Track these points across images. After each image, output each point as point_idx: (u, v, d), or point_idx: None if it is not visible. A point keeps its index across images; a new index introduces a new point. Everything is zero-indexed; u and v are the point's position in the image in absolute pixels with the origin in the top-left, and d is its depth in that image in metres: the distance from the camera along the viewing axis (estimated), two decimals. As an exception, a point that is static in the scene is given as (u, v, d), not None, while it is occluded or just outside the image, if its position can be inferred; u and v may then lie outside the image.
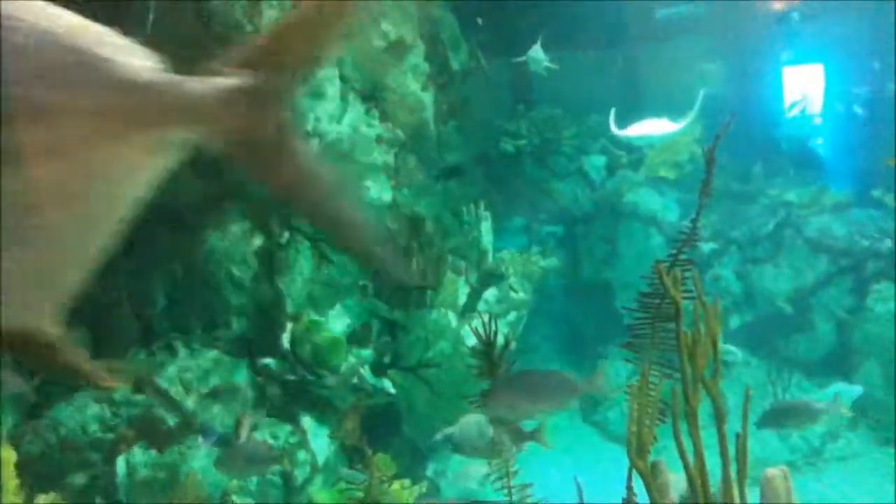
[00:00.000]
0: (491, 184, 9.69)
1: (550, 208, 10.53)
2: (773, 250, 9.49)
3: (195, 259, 5.95)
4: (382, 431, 6.22)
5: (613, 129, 8.26)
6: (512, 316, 7.84)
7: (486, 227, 8.12)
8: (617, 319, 9.70)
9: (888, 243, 8.95)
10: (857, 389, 7.57)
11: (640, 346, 2.35)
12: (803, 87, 12.22)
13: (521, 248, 9.53)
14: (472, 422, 3.75)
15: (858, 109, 10.94)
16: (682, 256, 2.37)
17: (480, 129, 9.84)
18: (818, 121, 12.21)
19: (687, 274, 2.30)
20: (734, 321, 9.08)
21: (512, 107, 10.74)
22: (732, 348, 8.15)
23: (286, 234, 6.15)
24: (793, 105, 12.06)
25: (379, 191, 6.59)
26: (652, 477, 1.80)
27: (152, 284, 5.92)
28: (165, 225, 6.06)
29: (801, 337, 9.05)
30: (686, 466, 1.88)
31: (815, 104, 12.23)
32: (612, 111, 8.34)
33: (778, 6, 11.13)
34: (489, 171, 10.00)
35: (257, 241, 6.08)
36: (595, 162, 10.53)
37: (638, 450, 1.75)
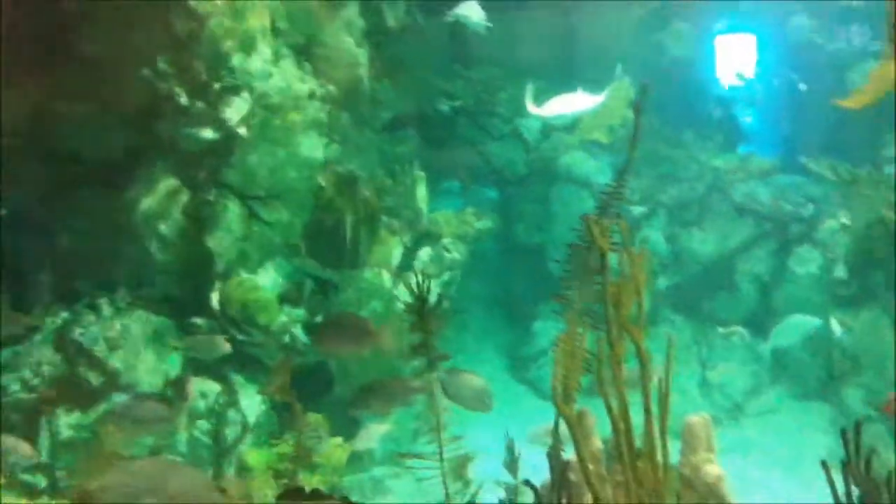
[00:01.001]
0: (426, 144, 9.62)
1: (485, 170, 10.53)
2: (701, 214, 9.72)
3: (119, 215, 5.77)
4: (314, 390, 6.18)
5: (530, 107, 8.11)
6: (446, 276, 7.86)
7: (420, 187, 8.08)
8: (549, 281, 9.82)
9: (810, 208, 9.26)
10: (814, 322, 7.76)
11: (568, 299, 2.37)
12: (736, 55, 12.44)
13: (457, 209, 9.52)
14: (464, 374, 3.80)
15: (792, 78, 11.19)
16: (611, 208, 2.39)
17: (416, 88, 9.75)
18: (749, 89, 12.47)
19: (614, 227, 2.32)
20: (662, 282, 9.30)
21: (449, 66, 10.64)
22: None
23: (214, 191, 6.00)
24: (724, 74, 12.28)
25: (311, 148, 6.47)
26: (577, 422, 1.82)
27: (74, 241, 5.72)
28: (88, 179, 5.86)
29: (724, 297, 9.33)
30: (610, 412, 1.91)
31: (747, 73, 12.47)
32: (529, 88, 8.20)
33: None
34: (424, 132, 9.93)
35: (184, 197, 5.92)
36: (530, 124, 10.54)
37: (564, 396, 1.77)
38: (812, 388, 8.63)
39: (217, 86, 5.96)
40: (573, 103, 8.01)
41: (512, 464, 4.24)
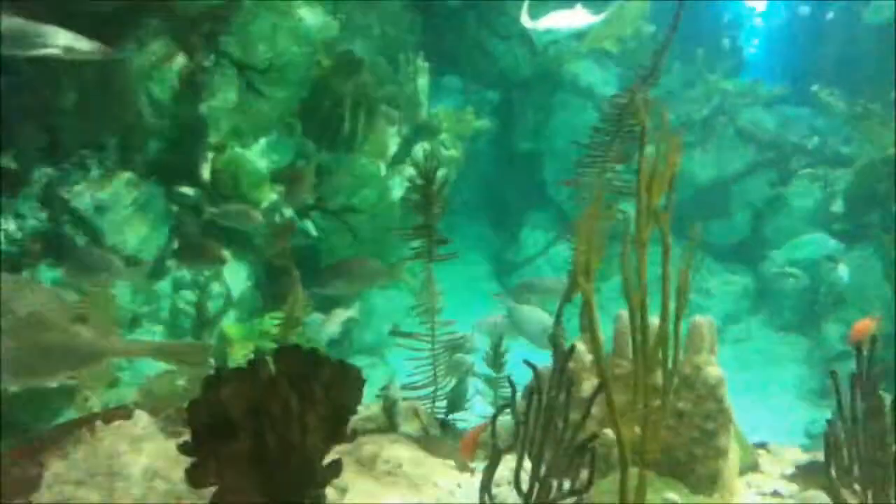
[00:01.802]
0: (431, 35, 9.28)
1: (489, 70, 10.23)
2: (704, 136, 9.55)
3: (110, 73, 5.51)
4: (301, 273, 6.10)
5: (525, 20, 7.78)
6: (441, 173, 7.69)
7: (422, 79, 7.82)
8: (541, 190, 9.73)
9: (815, 140, 9.13)
10: (833, 244, 7.68)
11: (588, 182, 2.26)
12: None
13: (456, 107, 9.28)
14: (532, 310, 3.77)
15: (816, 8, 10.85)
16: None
17: (426, -23, 9.34)
18: (766, 14, 12.15)
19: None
20: (656, 202, 9.19)
21: (461, -41, 10.18)
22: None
23: (211, 57, 5.75)
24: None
25: (314, 23, 6.19)
26: (592, 303, 1.74)
27: (62, 95, 5.48)
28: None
29: (717, 223, 9.28)
30: (627, 295, 1.83)
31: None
32: (526, 2, 7.86)
33: None
34: (430, 23, 9.57)
35: (179, 60, 5.66)
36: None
37: (584, 271, 1.67)
38: (791, 321, 8.69)
39: (220, -53, 5.64)
40: (570, 19, 7.74)
41: (495, 360, 4.21)
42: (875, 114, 7.60)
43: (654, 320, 1.99)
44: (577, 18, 7.77)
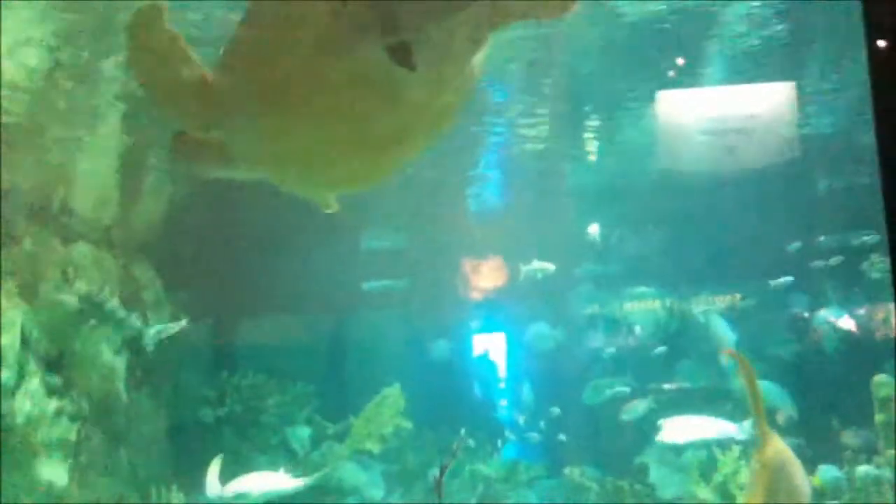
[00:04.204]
0: (185, 458, 8.73)
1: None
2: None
3: None
4: None
5: (212, 488, 6.90)
6: None
7: None
8: None
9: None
10: None
11: None
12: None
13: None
14: None
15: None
16: None
17: (177, 396, 9.05)
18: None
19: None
20: None
21: (215, 371, 10.06)
22: None
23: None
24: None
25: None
26: None
27: None
28: None
29: None
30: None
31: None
32: (217, 462, 7.10)
33: None
34: (184, 443, 9.05)
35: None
36: (299, 433, 10.02)
37: None
38: None
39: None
40: (264, 482, 7.16)
41: None
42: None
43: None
44: (272, 481, 7.28)
